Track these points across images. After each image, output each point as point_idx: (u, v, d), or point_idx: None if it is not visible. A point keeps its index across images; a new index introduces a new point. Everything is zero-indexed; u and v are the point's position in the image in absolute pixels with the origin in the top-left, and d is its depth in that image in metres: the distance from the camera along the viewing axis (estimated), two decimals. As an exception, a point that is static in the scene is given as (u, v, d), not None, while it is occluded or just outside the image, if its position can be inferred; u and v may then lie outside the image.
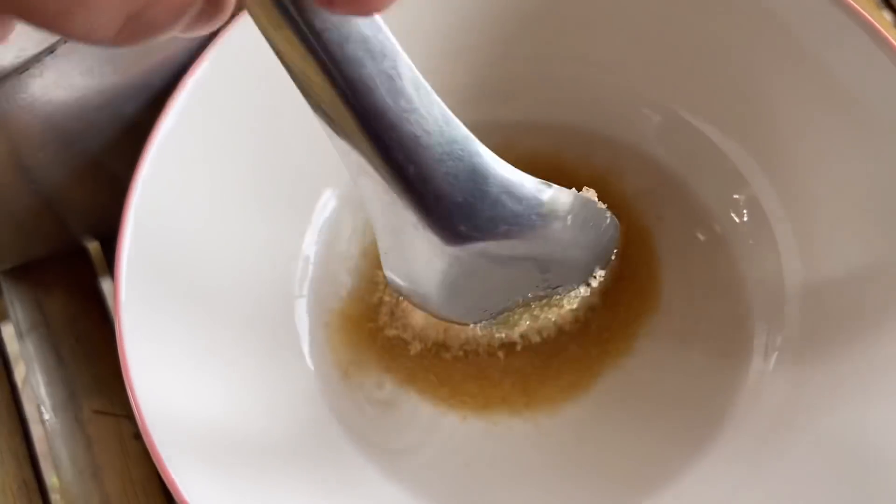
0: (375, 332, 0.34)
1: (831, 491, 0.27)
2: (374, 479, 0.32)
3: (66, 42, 0.25)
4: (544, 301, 0.31)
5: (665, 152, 0.35)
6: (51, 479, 0.35)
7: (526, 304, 0.31)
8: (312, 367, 0.34)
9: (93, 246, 0.39)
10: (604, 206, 0.29)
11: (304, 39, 0.20)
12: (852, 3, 0.29)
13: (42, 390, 0.36)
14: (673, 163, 0.35)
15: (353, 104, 0.22)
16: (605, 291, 0.33)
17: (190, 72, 0.30)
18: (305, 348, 0.34)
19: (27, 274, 0.38)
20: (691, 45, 0.33)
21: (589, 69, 0.35)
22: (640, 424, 0.32)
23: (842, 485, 0.27)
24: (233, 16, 0.18)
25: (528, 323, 0.31)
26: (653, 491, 0.30)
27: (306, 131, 0.34)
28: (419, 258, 0.27)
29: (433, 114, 0.22)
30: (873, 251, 0.29)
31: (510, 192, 0.24)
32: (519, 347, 0.33)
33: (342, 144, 0.23)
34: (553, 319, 0.33)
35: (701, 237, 0.34)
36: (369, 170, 0.23)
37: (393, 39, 0.21)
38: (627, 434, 0.32)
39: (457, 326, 0.33)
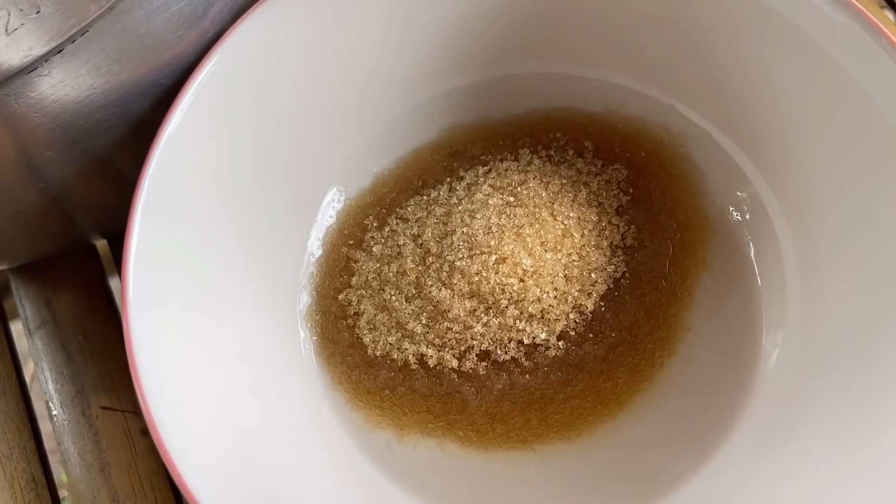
0: (379, 331, 0.34)
1: (834, 487, 0.27)
2: (376, 479, 0.32)
3: (73, 41, 0.26)
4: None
5: (671, 149, 0.36)
6: (59, 475, 0.35)
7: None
8: (316, 364, 0.34)
9: (100, 244, 0.39)
10: None
11: None
12: (854, 2, 0.29)
13: (50, 387, 0.36)
14: (679, 160, 0.35)
15: None
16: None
17: (197, 71, 0.30)
18: (309, 345, 0.34)
19: (35, 272, 0.38)
20: (696, 47, 0.33)
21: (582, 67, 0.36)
22: (649, 430, 0.32)
23: (844, 481, 0.27)
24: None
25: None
26: (662, 494, 0.31)
27: (312, 130, 0.35)
28: None
29: None
30: (873, 249, 0.29)
31: None
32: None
33: None
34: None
35: (703, 236, 0.35)
36: None
37: None
38: (637, 439, 0.32)
39: (460, 328, 0.33)
